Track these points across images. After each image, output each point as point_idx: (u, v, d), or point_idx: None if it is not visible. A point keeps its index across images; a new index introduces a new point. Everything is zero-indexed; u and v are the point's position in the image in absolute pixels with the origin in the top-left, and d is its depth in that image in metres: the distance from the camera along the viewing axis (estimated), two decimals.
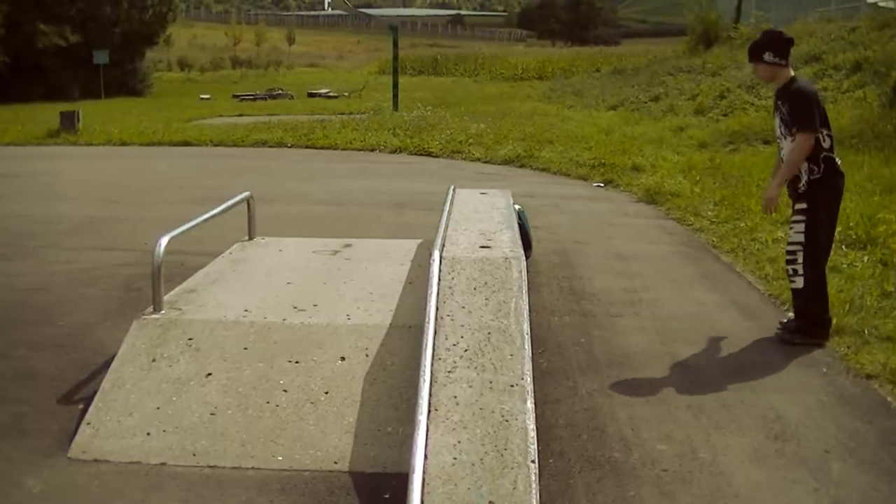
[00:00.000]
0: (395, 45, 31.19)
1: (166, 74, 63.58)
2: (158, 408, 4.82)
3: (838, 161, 6.30)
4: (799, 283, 6.31)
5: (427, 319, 4.78)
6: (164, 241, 5.52)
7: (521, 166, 16.32)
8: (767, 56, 6.40)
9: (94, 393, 5.01)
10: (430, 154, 18.27)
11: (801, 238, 6.26)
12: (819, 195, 6.23)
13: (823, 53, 21.11)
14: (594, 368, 5.82)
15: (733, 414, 5.09)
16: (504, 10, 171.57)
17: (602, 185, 13.95)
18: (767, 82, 6.77)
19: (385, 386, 4.90)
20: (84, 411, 4.96)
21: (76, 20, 44.64)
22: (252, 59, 73.80)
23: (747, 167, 13.52)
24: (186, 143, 20.42)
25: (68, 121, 22.87)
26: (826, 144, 6.20)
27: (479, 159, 17.28)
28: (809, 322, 6.36)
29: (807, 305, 6.35)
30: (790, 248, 6.35)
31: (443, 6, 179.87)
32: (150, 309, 5.54)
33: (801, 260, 6.27)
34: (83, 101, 37.23)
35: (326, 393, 4.86)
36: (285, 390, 4.89)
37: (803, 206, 6.27)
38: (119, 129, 23.26)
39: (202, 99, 41.74)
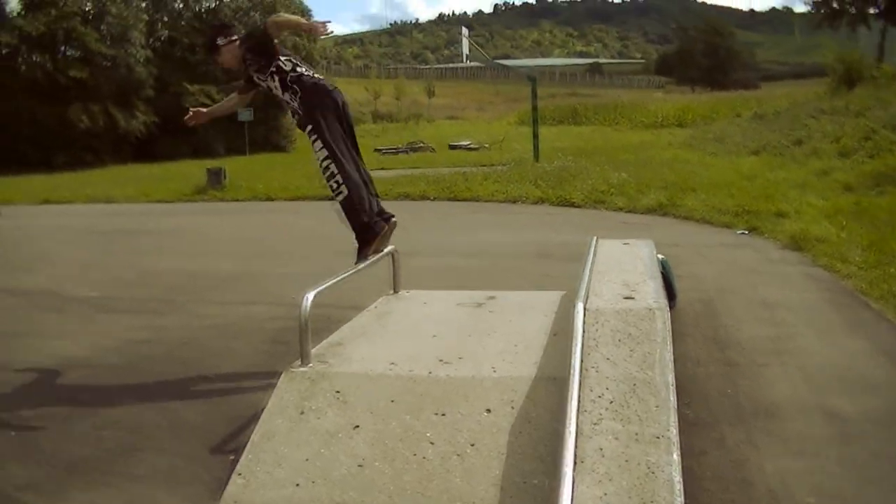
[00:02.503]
0: (534, 95, 31.39)
1: None
2: (307, 459, 4.89)
3: (314, 75, 6.75)
4: (345, 191, 6.69)
5: (572, 371, 4.77)
6: (310, 295, 5.63)
7: (664, 215, 16.22)
8: (220, 40, 6.86)
9: (244, 444, 5.11)
10: (572, 204, 18.27)
11: (325, 152, 6.58)
12: (314, 114, 6.55)
13: None
14: (741, 419, 5.71)
15: (885, 467, 4.94)
16: (641, 58, 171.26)
17: (746, 232, 13.74)
18: (233, 66, 6.97)
19: (530, 438, 4.88)
20: (234, 462, 5.06)
21: (221, 79, 46.03)
22: (392, 112, 74.89)
23: None
24: (330, 198, 20.74)
25: (215, 177, 23.62)
26: (288, 67, 6.63)
27: (621, 209, 17.22)
28: (363, 232, 6.91)
29: (358, 216, 6.83)
30: (323, 164, 6.65)
31: (580, 55, 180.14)
32: (298, 362, 5.65)
33: (335, 169, 6.60)
34: (228, 157, 38.27)
35: (472, 445, 4.87)
36: (432, 443, 4.91)
37: (309, 128, 6.57)
38: (264, 184, 23.86)
39: None
